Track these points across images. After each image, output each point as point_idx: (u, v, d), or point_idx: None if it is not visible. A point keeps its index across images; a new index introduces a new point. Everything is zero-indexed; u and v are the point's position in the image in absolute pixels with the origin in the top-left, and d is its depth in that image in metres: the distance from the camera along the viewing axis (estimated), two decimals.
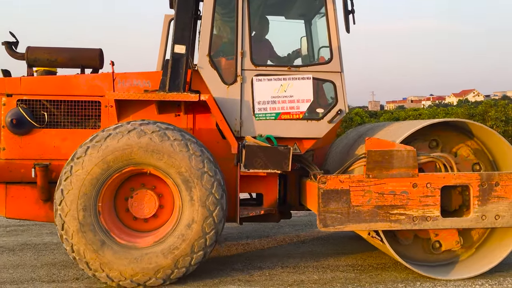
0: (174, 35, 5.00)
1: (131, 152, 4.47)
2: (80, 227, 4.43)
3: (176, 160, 4.50)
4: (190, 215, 4.53)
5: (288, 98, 5.16)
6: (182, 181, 4.52)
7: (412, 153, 4.72)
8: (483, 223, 4.80)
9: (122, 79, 5.23)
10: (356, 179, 4.68)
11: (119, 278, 4.47)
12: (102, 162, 4.45)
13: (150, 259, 4.50)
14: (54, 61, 5.26)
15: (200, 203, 4.53)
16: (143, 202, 4.76)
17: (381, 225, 4.70)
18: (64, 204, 4.43)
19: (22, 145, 5.11)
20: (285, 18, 6.20)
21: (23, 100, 5.12)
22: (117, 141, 4.47)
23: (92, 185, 4.45)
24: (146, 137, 4.48)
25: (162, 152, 4.49)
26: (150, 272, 4.49)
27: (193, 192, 4.53)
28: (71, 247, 4.45)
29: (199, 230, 4.53)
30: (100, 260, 4.46)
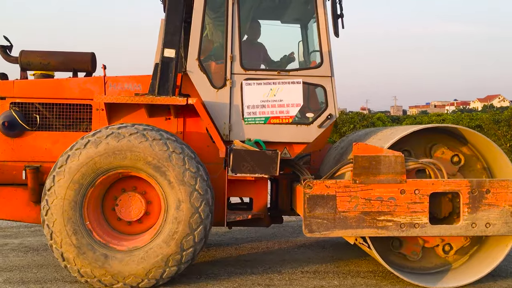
0: (164, 39, 5.03)
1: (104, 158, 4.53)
2: (78, 250, 4.50)
3: (158, 161, 4.52)
4: (176, 214, 4.54)
5: (278, 102, 5.14)
6: (165, 180, 4.55)
7: (400, 159, 4.66)
8: (473, 231, 4.71)
9: (113, 82, 5.27)
10: (342, 185, 4.64)
11: (136, 281, 4.51)
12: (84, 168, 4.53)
13: (155, 252, 4.53)
14: (47, 65, 5.32)
15: (184, 202, 4.53)
16: (130, 205, 4.79)
17: (367, 231, 4.65)
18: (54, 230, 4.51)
19: (14, 147, 5.18)
20: (281, 22, 6.18)
21: (16, 103, 5.19)
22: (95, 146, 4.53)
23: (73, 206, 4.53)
24: (125, 140, 4.51)
25: (136, 151, 4.53)
26: (161, 264, 4.51)
27: (176, 191, 4.54)
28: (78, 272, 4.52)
29: (186, 227, 4.53)
30: (111, 273, 4.49)
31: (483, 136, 4.89)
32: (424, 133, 5.04)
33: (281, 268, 5.43)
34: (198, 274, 5.13)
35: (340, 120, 22.50)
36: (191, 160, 4.60)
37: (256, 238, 6.88)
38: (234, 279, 5.01)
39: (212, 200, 4.69)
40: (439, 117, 28.80)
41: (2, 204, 5.16)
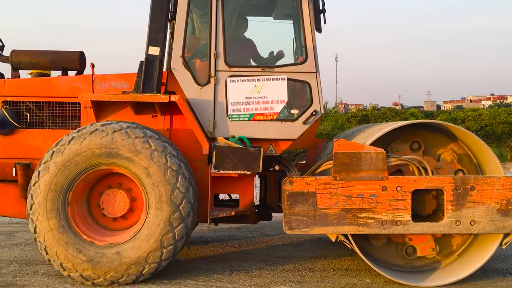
0: (148, 37, 5.07)
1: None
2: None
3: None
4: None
5: (262, 99, 5.13)
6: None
7: (381, 155, 4.60)
8: (458, 229, 4.63)
9: (101, 80, 5.34)
10: (322, 182, 4.61)
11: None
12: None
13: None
14: (37, 64, 5.42)
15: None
16: (115, 202, 4.86)
17: (348, 228, 4.61)
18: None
19: (6, 145, 5.30)
20: (273, 19, 6.15)
21: (7, 101, 5.31)
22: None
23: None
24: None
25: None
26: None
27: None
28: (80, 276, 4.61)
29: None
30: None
31: (472, 135, 4.80)
32: (412, 129, 4.99)
33: (312, 265, 5.45)
34: (230, 270, 5.19)
35: (372, 115, 22.17)
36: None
37: (287, 235, 6.78)
38: (265, 275, 5.05)
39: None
40: (475, 112, 28.10)
41: None
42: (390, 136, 4.96)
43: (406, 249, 4.97)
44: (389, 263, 5.03)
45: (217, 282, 4.81)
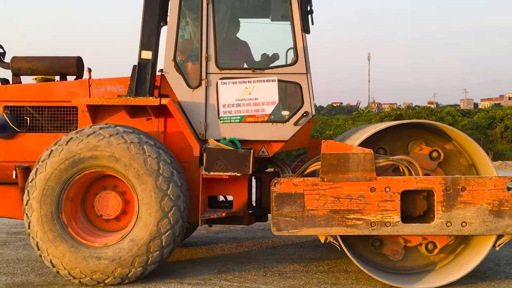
0: (140, 41, 5.16)
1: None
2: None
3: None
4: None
5: (253, 100, 5.16)
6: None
7: (369, 156, 4.57)
8: (448, 230, 4.56)
9: (97, 85, 5.46)
10: (310, 183, 4.61)
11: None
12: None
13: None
14: (36, 70, 5.58)
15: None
16: (108, 203, 4.96)
17: (336, 230, 4.59)
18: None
19: (7, 148, 5.46)
20: (270, 20, 6.17)
21: (8, 106, 5.48)
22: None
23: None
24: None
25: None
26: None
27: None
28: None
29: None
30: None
31: (460, 133, 4.72)
32: (405, 130, 4.94)
33: (347, 266, 5.45)
34: (264, 271, 5.24)
35: (407, 115, 21.83)
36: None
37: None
38: (300, 276, 5.07)
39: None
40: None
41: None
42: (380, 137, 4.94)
43: (427, 247, 4.92)
44: (380, 265, 4.98)
45: (251, 283, 4.83)
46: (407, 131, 5.00)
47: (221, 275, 5.08)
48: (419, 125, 5.00)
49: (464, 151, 4.95)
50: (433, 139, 5.01)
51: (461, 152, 4.96)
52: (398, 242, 4.92)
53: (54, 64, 5.58)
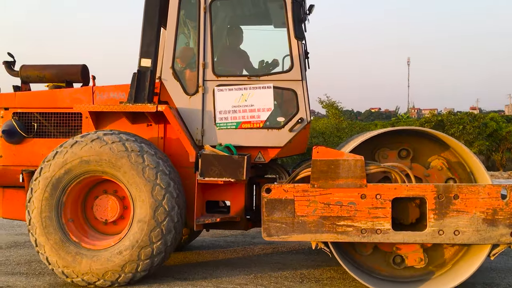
0: (140, 49, 5.30)
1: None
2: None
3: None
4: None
5: (249, 107, 5.22)
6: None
7: (359, 163, 4.55)
8: (441, 239, 4.49)
9: (101, 92, 5.63)
10: (300, 189, 4.62)
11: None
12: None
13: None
14: (43, 77, 5.80)
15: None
16: (107, 207, 5.10)
17: (327, 236, 4.59)
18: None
19: (16, 153, 5.69)
20: (274, 27, 6.23)
21: (17, 112, 5.71)
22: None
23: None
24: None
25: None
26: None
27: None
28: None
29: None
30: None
31: (455, 141, 4.66)
32: (402, 136, 4.91)
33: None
34: (300, 278, 5.26)
35: (448, 121, 21.42)
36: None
37: None
38: (337, 284, 5.08)
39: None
40: None
41: (6, 204, 5.69)
42: (379, 143, 4.92)
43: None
44: (377, 273, 4.94)
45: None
46: (402, 137, 4.96)
47: (257, 280, 5.12)
48: (422, 133, 4.94)
49: (463, 161, 4.87)
50: (433, 148, 4.95)
51: (461, 162, 4.89)
52: (418, 249, 4.83)
53: (60, 72, 5.79)
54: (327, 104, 24.37)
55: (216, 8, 5.37)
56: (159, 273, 5.29)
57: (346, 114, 30.30)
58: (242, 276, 5.28)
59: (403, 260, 4.86)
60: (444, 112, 32.10)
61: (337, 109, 24.17)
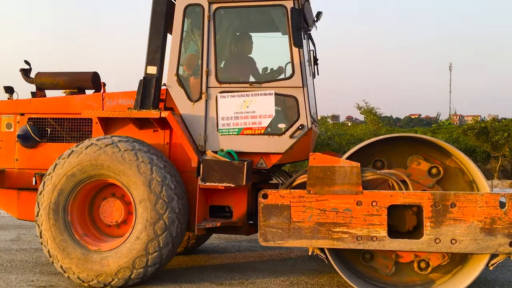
0: (147, 57, 5.46)
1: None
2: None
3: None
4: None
5: (251, 113, 5.29)
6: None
7: (355, 170, 4.57)
8: (437, 247, 4.44)
9: (110, 98, 5.82)
10: (297, 195, 4.66)
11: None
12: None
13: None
14: (56, 84, 6.04)
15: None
16: (112, 210, 5.25)
17: (322, 242, 4.61)
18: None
19: (31, 157, 5.94)
20: (281, 34, 6.28)
21: (32, 118, 5.96)
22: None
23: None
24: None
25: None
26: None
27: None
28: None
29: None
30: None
31: (454, 149, 4.61)
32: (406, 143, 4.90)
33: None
34: (337, 285, 5.21)
35: (492, 128, 20.88)
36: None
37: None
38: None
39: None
40: None
41: (22, 206, 5.94)
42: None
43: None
44: (377, 280, 4.92)
45: None
46: (408, 145, 4.93)
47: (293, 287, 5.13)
48: (421, 140, 4.91)
49: (465, 169, 4.82)
50: (435, 155, 4.92)
51: (462, 169, 4.83)
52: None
53: (72, 79, 6.01)
54: (365, 110, 24.08)
55: (220, 16, 5.48)
56: (194, 276, 5.42)
57: (385, 120, 29.86)
58: (278, 282, 5.28)
59: (428, 265, 4.83)
60: (488, 119, 31.26)
61: (375, 115, 23.84)
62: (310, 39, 6.49)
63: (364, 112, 24.22)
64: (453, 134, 23.85)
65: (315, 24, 6.41)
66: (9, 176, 5.95)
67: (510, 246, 4.32)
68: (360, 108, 24.22)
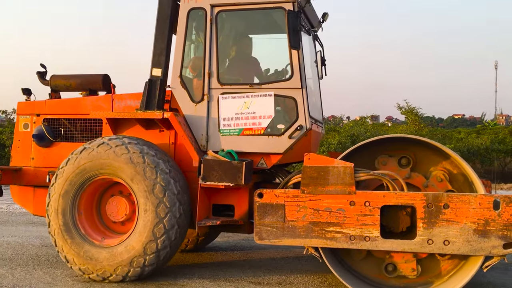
0: (152, 59, 5.64)
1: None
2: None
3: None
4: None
5: (251, 114, 5.39)
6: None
7: (349, 170, 4.60)
8: (430, 248, 4.43)
9: (119, 99, 6.03)
10: (291, 194, 4.73)
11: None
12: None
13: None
14: (69, 86, 6.31)
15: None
16: (118, 207, 5.46)
17: (316, 241, 4.67)
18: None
19: (46, 156, 6.22)
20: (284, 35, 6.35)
21: (47, 118, 6.24)
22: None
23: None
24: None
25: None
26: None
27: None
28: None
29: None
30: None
31: (450, 151, 4.60)
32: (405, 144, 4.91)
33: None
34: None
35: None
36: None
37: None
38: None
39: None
40: None
41: (37, 202, 6.23)
42: (381, 149, 4.94)
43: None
44: (371, 280, 4.95)
45: None
46: (410, 146, 4.95)
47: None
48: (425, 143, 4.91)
49: (465, 171, 4.78)
50: (437, 158, 4.91)
51: (462, 173, 4.80)
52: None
53: (84, 81, 6.27)
54: (406, 110, 23.36)
55: (222, 19, 5.60)
56: (233, 276, 5.54)
57: (427, 121, 29.33)
58: (316, 283, 5.30)
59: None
60: None
61: (417, 115, 23.11)
62: (316, 40, 6.55)
63: (405, 112, 23.46)
64: (499, 134, 23.25)
65: (321, 26, 6.46)
66: (25, 174, 6.25)
67: (504, 248, 4.27)
68: (401, 108, 23.45)
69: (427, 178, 4.88)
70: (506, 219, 4.27)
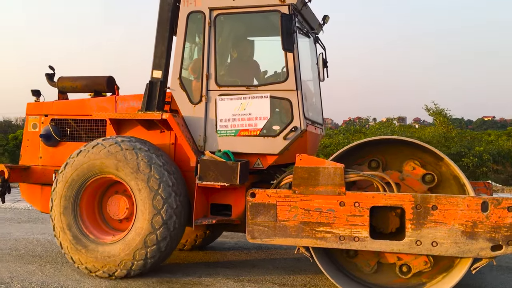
0: (153, 62, 5.79)
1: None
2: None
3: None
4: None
5: (247, 115, 5.49)
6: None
7: (339, 171, 4.66)
8: (418, 249, 4.46)
9: (122, 101, 6.20)
10: (282, 194, 4.82)
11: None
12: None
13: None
14: (76, 88, 6.50)
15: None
16: (118, 205, 5.62)
17: (306, 241, 4.74)
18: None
19: (53, 155, 6.43)
20: None
21: (54, 119, 6.45)
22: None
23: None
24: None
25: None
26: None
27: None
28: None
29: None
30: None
31: (440, 153, 4.62)
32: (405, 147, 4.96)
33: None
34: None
35: None
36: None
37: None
38: None
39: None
40: None
41: (44, 200, 6.44)
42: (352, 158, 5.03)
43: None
44: (363, 280, 4.99)
45: None
46: (406, 148, 4.98)
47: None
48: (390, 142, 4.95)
49: (456, 173, 4.78)
50: (429, 159, 4.93)
51: (454, 175, 4.81)
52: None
53: (89, 82, 6.46)
54: (434, 112, 22.58)
55: (221, 22, 5.71)
56: (257, 276, 5.59)
57: (456, 123, 28.94)
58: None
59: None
60: None
61: (445, 117, 22.27)
62: (317, 42, 6.61)
63: (433, 113, 22.69)
64: None
65: (322, 28, 6.52)
66: (34, 172, 6.47)
67: (492, 250, 4.28)
68: (429, 110, 22.70)
69: (401, 172, 4.90)
70: (494, 221, 4.27)
